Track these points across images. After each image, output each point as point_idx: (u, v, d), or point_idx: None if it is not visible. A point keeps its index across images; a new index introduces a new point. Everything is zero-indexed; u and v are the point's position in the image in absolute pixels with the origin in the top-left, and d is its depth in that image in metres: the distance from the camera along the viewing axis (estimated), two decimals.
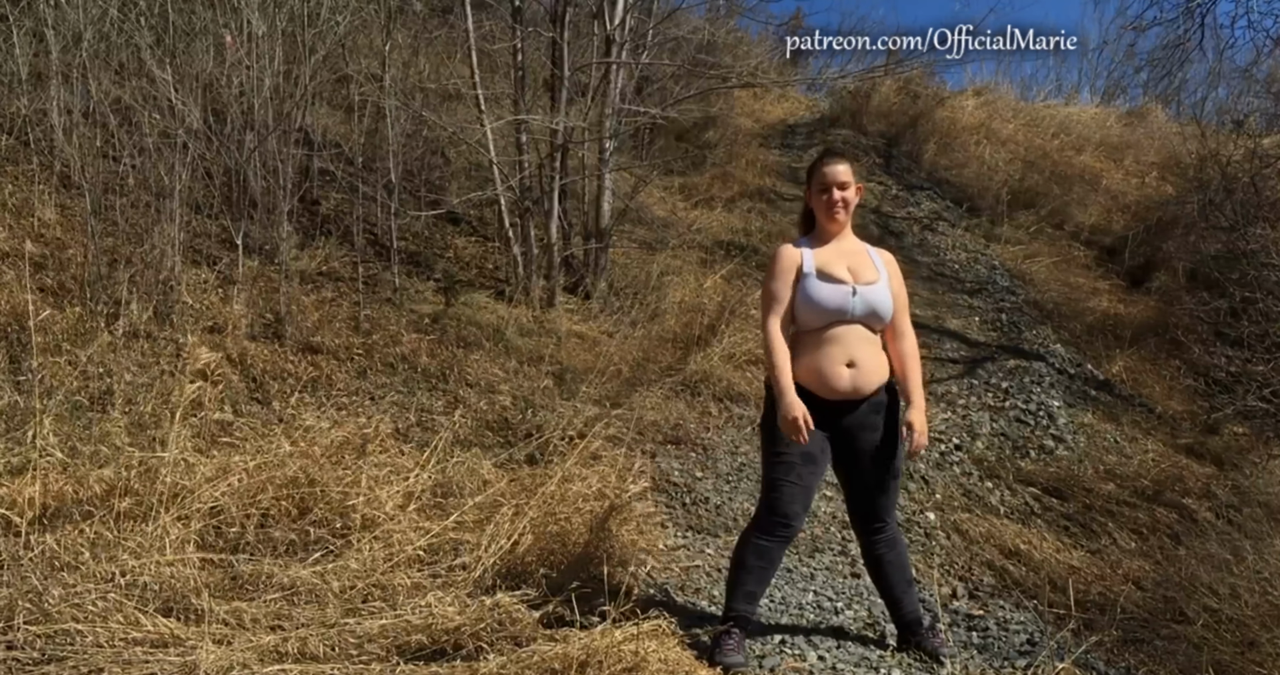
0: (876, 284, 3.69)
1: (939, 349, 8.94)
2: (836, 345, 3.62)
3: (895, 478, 3.77)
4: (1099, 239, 12.26)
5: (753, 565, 3.66)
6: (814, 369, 3.63)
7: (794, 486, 3.59)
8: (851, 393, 3.62)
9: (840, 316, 3.63)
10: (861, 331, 3.65)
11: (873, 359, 3.66)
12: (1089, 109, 16.67)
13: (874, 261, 3.78)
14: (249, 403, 5.70)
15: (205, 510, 4.18)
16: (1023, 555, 5.68)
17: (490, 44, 9.15)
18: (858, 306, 3.62)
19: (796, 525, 3.65)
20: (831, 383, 3.61)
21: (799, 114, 16.03)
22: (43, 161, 6.74)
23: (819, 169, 3.76)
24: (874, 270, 3.73)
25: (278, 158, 6.95)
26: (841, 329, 3.63)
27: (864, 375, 3.62)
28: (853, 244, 3.81)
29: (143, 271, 6.08)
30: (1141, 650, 4.50)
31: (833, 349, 3.62)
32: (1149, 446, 7.60)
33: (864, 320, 3.65)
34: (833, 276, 3.65)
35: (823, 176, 3.74)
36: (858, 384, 3.61)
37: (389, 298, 7.34)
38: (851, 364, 3.61)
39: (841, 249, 3.76)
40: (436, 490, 4.86)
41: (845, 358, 3.61)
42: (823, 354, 3.63)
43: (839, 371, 3.61)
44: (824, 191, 3.72)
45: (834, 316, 3.63)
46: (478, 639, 3.44)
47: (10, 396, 4.98)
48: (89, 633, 3.29)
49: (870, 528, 3.83)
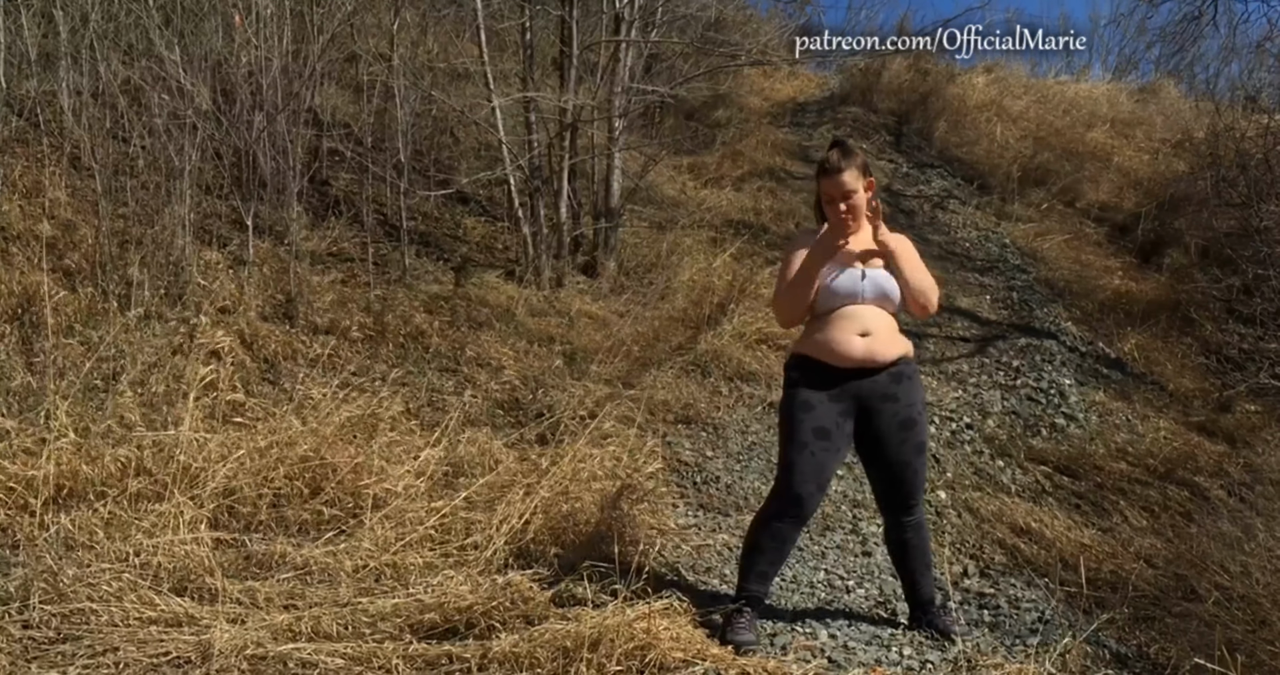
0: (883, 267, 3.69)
1: (950, 327, 8.92)
2: (849, 319, 3.62)
3: (921, 453, 3.70)
4: (1110, 216, 12.19)
5: (766, 546, 3.65)
6: (826, 340, 3.63)
7: (806, 466, 3.55)
8: (867, 359, 3.59)
9: (851, 299, 3.63)
10: (874, 309, 3.64)
11: (888, 330, 3.64)
12: (1100, 85, 16.53)
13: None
14: (260, 383, 5.72)
15: (218, 490, 4.20)
16: (1034, 533, 5.67)
17: (499, 23, 9.11)
18: (868, 289, 3.62)
19: (810, 506, 3.61)
20: (844, 349, 3.59)
21: (809, 92, 15.95)
22: (53, 143, 6.74)
23: (820, 179, 3.71)
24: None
25: (287, 138, 6.94)
26: (853, 307, 3.63)
27: (879, 343, 3.60)
28: (866, 233, 3.74)
29: (153, 252, 6.08)
30: (1153, 628, 4.50)
31: (845, 322, 3.62)
32: (1161, 424, 7.57)
33: (875, 301, 3.64)
34: (842, 263, 3.65)
35: (825, 188, 3.68)
36: (873, 350, 3.59)
37: (399, 278, 7.34)
38: (865, 333, 3.60)
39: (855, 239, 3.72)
40: (448, 470, 4.88)
41: (859, 329, 3.60)
42: (835, 327, 3.63)
43: (851, 339, 3.59)
44: (829, 203, 3.67)
45: (845, 300, 3.63)
46: (490, 618, 3.45)
47: (24, 377, 5.00)
48: (104, 612, 3.32)
49: (898, 510, 3.79)
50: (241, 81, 6.99)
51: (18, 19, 6.74)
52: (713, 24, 10.78)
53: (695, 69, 10.21)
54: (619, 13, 8.38)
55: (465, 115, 8.78)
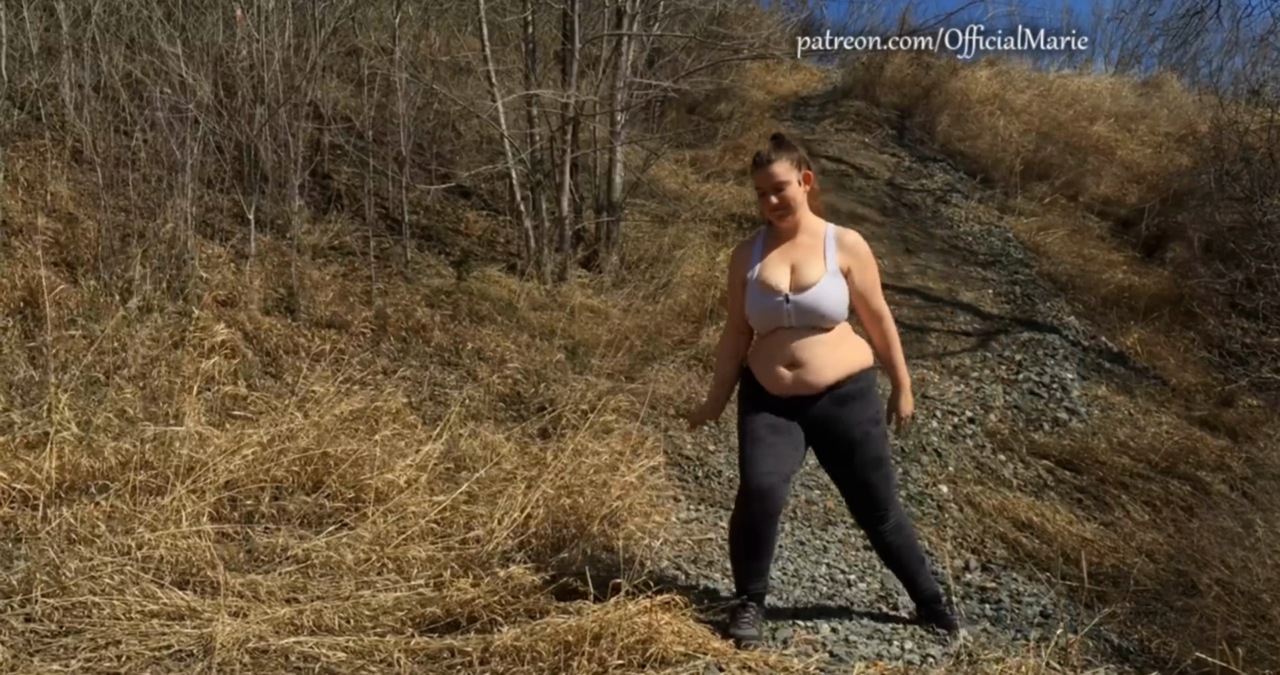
0: (816, 286, 3.51)
1: (952, 322, 8.91)
2: (779, 348, 3.56)
3: (878, 468, 3.63)
4: (1113, 210, 12.17)
5: (745, 546, 3.63)
6: (760, 369, 3.62)
7: (763, 457, 3.50)
8: (797, 389, 3.54)
9: (778, 323, 3.56)
10: (806, 335, 3.53)
11: (823, 356, 3.53)
12: (1103, 79, 16.50)
13: (826, 256, 3.59)
14: (262, 376, 5.72)
15: (220, 483, 4.21)
16: (1036, 528, 5.68)
17: (501, 16, 9.09)
18: (792, 315, 3.52)
19: (775, 497, 3.49)
20: (774, 383, 3.57)
21: (811, 85, 15.93)
22: (54, 136, 6.74)
23: (752, 172, 3.64)
24: (819, 267, 3.55)
25: (288, 131, 6.94)
26: (782, 334, 3.56)
27: (810, 373, 3.51)
28: (809, 236, 3.63)
29: (155, 246, 6.09)
30: (1154, 622, 4.50)
31: (773, 351, 3.57)
32: (1163, 419, 7.57)
33: (806, 324, 3.53)
34: (768, 285, 3.56)
35: (756, 180, 3.62)
36: (802, 381, 3.52)
37: (401, 271, 7.34)
38: (793, 365, 3.53)
39: (794, 244, 3.62)
40: (449, 463, 4.88)
41: (786, 360, 3.54)
42: (765, 355, 3.61)
43: (779, 373, 3.55)
44: (761, 196, 3.61)
45: (772, 324, 3.58)
46: (491, 611, 3.46)
47: (26, 371, 5.01)
48: (106, 605, 3.32)
49: (871, 520, 3.76)
50: (243, 75, 6.99)
51: (20, 12, 6.74)
52: (715, 18, 10.74)
53: (697, 63, 10.18)
54: (621, 6, 8.37)
55: (467, 109, 8.77)
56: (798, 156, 3.60)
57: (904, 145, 13.48)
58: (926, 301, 9.22)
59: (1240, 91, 12.62)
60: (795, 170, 3.57)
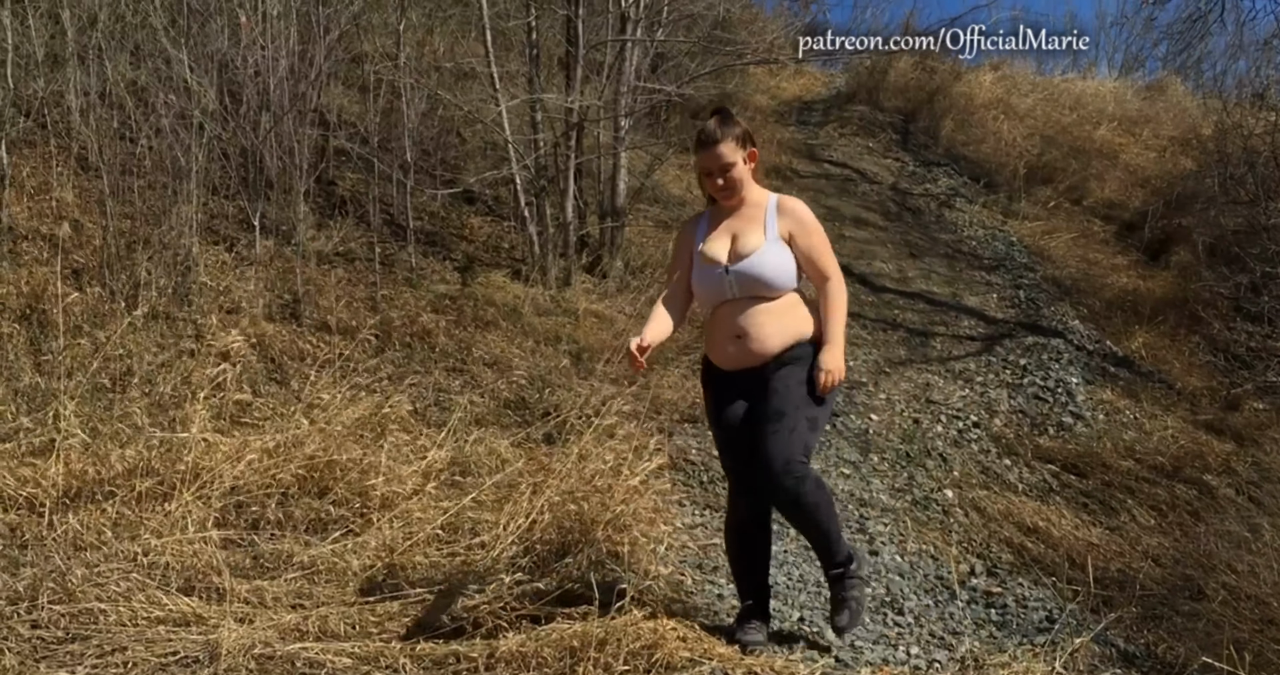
0: (755, 253, 3.44)
1: (956, 326, 8.91)
2: (721, 322, 3.51)
3: (777, 420, 3.35)
4: (1118, 214, 12.18)
5: (744, 553, 3.60)
6: (710, 344, 3.58)
7: (738, 441, 3.47)
8: (744, 360, 3.47)
9: (721, 297, 3.50)
10: (750, 305, 3.45)
11: (769, 325, 3.44)
12: (1107, 83, 16.53)
13: (766, 224, 3.52)
14: (267, 383, 5.73)
15: (226, 490, 4.21)
16: (1041, 532, 5.68)
17: (505, 22, 9.11)
18: (733, 285, 3.46)
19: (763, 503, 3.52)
20: (721, 355, 3.53)
21: (815, 90, 15.94)
22: (60, 143, 6.75)
23: (696, 152, 3.57)
24: (758, 235, 3.49)
25: (293, 138, 6.95)
26: (727, 308, 3.50)
27: (757, 343, 3.43)
28: (751, 207, 3.57)
29: (161, 252, 6.10)
30: (1160, 627, 4.50)
31: (718, 326, 3.53)
32: (1168, 423, 7.56)
33: (749, 294, 3.45)
34: (710, 258, 3.51)
35: (700, 161, 3.55)
36: (750, 349, 3.44)
37: (406, 277, 7.35)
38: (740, 336, 3.45)
39: (737, 216, 3.57)
40: (454, 469, 4.88)
41: (731, 332, 3.47)
42: (712, 331, 3.56)
43: (723, 345, 3.50)
44: (706, 176, 3.56)
45: (716, 297, 3.52)
46: (496, 617, 3.46)
47: (32, 378, 5.02)
48: (112, 612, 3.32)
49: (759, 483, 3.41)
50: (248, 82, 7.00)
51: (25, 20, 6.75)
52: (719, 23, 10.75)
53: (701, 68, 10.20)
54: (625, 12, 8.38)
55: (471, 115, 8.79)
56: (741, 132, 3.53)
57: (908, 150, 13.48)
58: (931, 306, 9.22)
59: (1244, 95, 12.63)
60: (740, 149, 3.51)
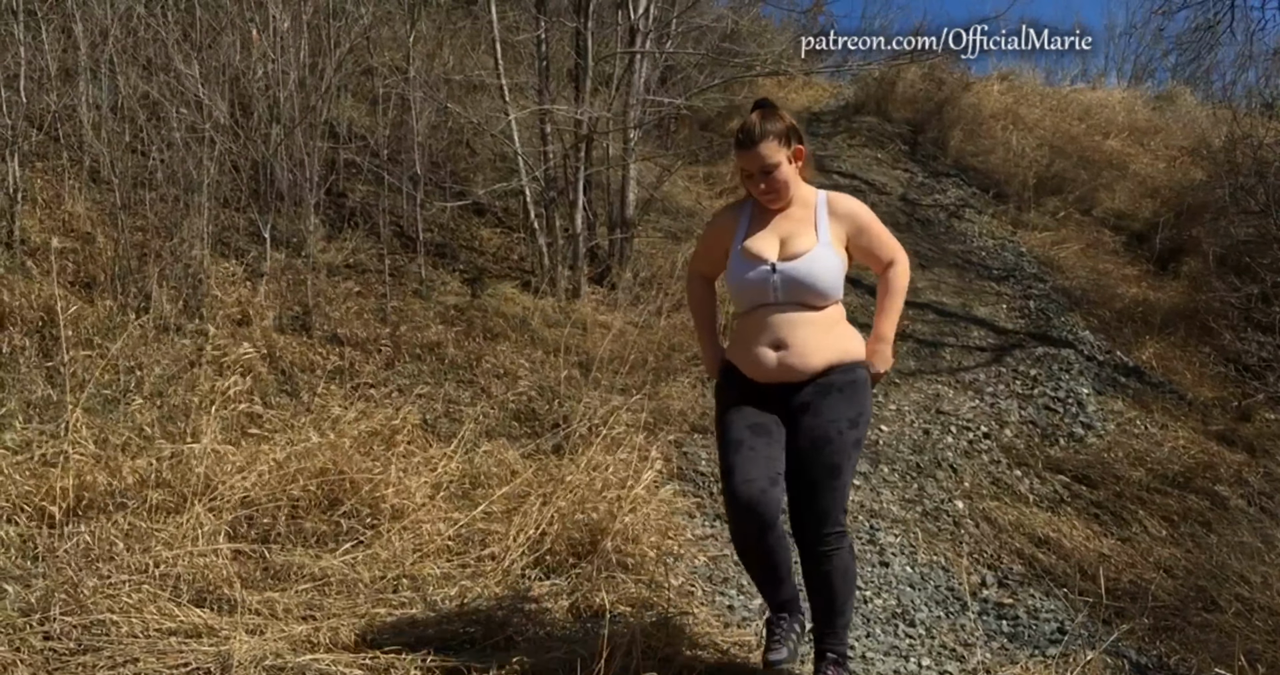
0: (807, 254, 3.13)
1: (966, 337, 8.90)
2: (761, 327, 3.15)
3: (835, 477, 3.07)
4: (1127, 224, 12.17)
5: (752, 564, 3.23)
6: (742, 351, 3.23)
7: (747, 463, 3.06)
8: (783, 374, 3.13)
9: (763, 299, 3.15)
10: (794, 314, 3.12)
11: (812, 339, 3.11)
12: (1116, 93, 16.55)
13: (818, 224, 3.21)
14: (278, 394, 5.74)
15: (236, 501, 4.22)
16: (1052, 543, 5.66)
17: (514, 35, 9.15)
18: (779, 287, 3.12)
19: (766, 505, 3.02)
20: (756, 364, 3.17)
21: (823, 101, 15.96)
22: (72, 157, 6.79)
23: (735, 151, 3.27)
24: (810, 237, 3.17)
25: (304, 150, 6.98)
26: (766, 312, 3.15)
27: (798, 355, 3.11)
28: (800, 208, 3.26)
29: (171, 265, 6.12)
30: (1173, 638, 4.48)
31: (757, 331, 3.17)
32: (1180, 433, 7.54)
33: (794, 300, 3.12)
34: (755, 254, 3.18)
35: (740, 161, 3.24)
36: (789, 364, 3.11)
37: (415, 289, 7.36)
38: (778, 345, 3.12)
39: (785, 216, 3.25)
40: (464, 480, 4.89)
41: (770, 341, 3.14)
42: (748, 336, 3.20)
43: (762, 353, 3.15)
44: (747, 177, 3.25)
45: (756, 299, 3.17)
46: (507, 629, 3.46)
47: (43, 389, 5.04)
48: (124, 623, 3.33)
49: (810, 535, 3.11)
50: (259, 95, 7.04)
51: (38, 34, 6.79)
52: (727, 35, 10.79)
53: (710, 80, 10.23)
54: (634, 24, 8.40)
55: (481, 127, 8.81)
56: (784, 128, 3.22)
57: (916, 160, 13.49)
58: (940, 317, 9.21)
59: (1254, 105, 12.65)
60: (784, 148, 3.20)
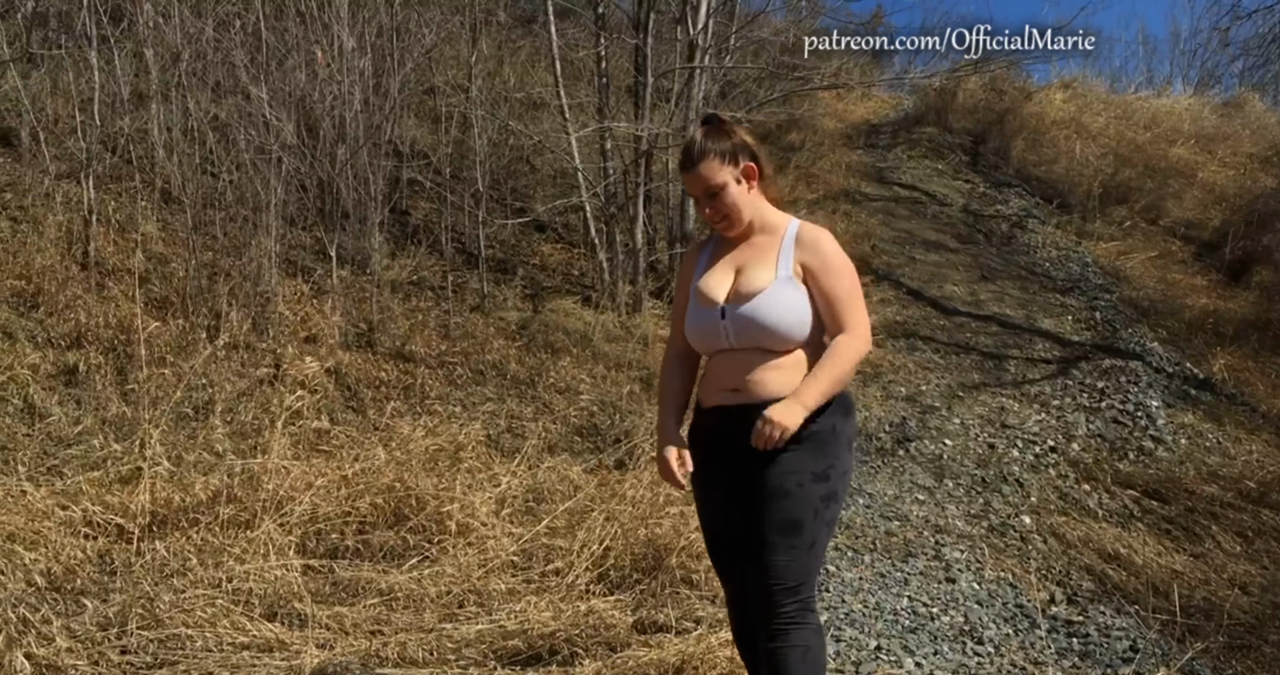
0: (760, 294, 2.68)
1: (1031, 349, 8.79)
2: (719, 369, 2.77)
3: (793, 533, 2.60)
4: (1196, 233, 11.94)
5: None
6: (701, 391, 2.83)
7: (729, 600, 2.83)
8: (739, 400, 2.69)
9: (718, 345, 2.74)
10: (751, 357, 2.69)
11: (774, 382, 2.65)
12: (1182, 100, 16.25)
13: (779, 258, 2.74)
14: (344, 411, 5.82)
15: (305, 517, 4.29)
16: (1123, 559, 5.56)
17: (574, 52, 9.22)
18: (730, 332, 2.69)
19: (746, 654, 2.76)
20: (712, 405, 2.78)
21: (883, 113, 15.86)
22: (145, 178, 6.96)
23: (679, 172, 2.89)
24: (768, 271, 2.72)
25: (369, 169, 7.09)
26: (724, 358, 2.76)
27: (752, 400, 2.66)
28: (765, 235, 2.80)
29: (241, 284, 6.24)
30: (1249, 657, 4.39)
31: (716, 372, 2.77)
32: (1253, 447, 7.38)
33: (750, 344, 2.69)
34: (704, 296, 2.75)
35: (685, 184, 2.93)
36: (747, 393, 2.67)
37: (477, 305, 7.44)
38: (736, 389, 2.70)
39: (748, 245, 2.80)
40: (528, 496, 4.93)
41: (728, 383, 2.72)
42: (708, 377, 2.81)
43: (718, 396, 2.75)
44: (698, 203, 2.82)
45: (713, 345, 2.76)
46: (573, 644, 3.48)
47: (119, 408, 5.16)
48: (198, 637, 3.40)
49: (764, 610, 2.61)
50: (325, 115, 7.16)
51: (111, 60, 6.97)
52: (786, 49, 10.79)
53: (769, 93, 10.24)
54: (693, 40, 8.44)
55: (541, 144, 8.89)
56: (730, 146, 2.75)
57: (978, 171, 13.35)
58: (1004, 329, 9.10)
59: None
60: (729, 166, 2.73)
